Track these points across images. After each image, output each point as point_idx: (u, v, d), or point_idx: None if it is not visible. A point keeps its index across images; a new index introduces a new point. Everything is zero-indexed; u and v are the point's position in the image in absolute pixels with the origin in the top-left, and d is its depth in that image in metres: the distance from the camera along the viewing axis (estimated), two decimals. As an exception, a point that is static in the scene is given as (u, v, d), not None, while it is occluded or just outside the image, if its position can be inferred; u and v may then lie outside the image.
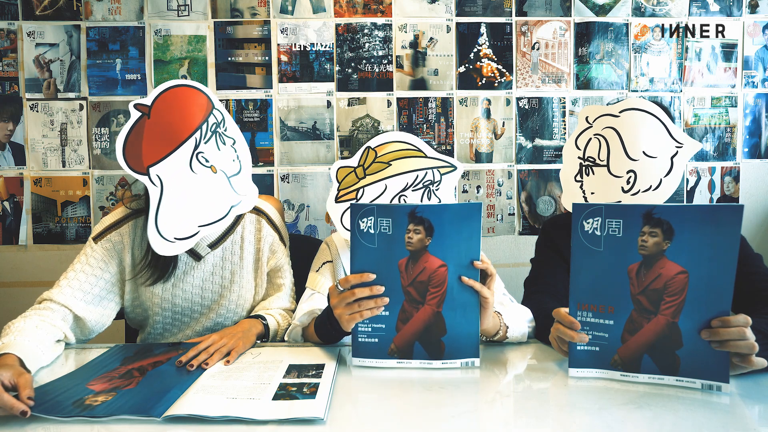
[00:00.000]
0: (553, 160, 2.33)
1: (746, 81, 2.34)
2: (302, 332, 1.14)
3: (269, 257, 1.31)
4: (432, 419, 0.77)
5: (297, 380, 0.90)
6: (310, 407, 0.79)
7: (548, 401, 0.83)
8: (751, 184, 2.36)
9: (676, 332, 0.85)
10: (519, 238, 2.35)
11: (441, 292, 0.94)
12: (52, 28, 2.21)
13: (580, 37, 2.31)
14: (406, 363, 0.97)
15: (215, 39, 2.25)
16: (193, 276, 1.24)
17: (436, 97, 2.30)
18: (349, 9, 2.27)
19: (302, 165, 2.28)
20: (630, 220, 0.86)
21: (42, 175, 2.23)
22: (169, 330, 1.28)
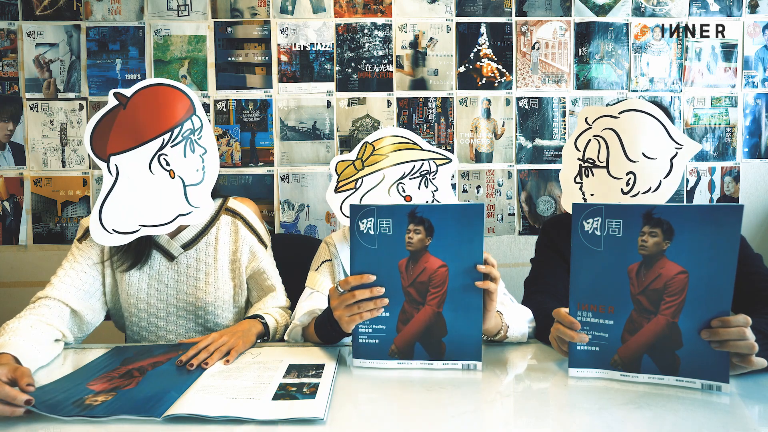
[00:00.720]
0: (553, 160, 2.33)
1: (746, 81, 2.34)
2: (302, 332, 1.14)
3: (250, 260, 1.30)
4: (432, 419, 0.77)
5: (297, 380, 0.90)
6: (310, 407, 0.79)
7: (548, 401, 0.84)
8: (751, 184, 2.36)
9: (676, 332, 0.85)
10: (519, 238, 2.35)
11: (441, 292, 0.94)
12: (52, 28, 2.21)
13: (580, 37, 2.31)
14: (407, 364, 0.97)
15: (215, 39, 2.25)
16: (168, 276, 1.25)
17: (436, 97, 2.30)
18: (349, 9, 2.27)
19: (302, 165, 2.28)
20: (630, 220, 0.86)
21: (42, 175, 2.23)
22: (146, 330, 1.27)
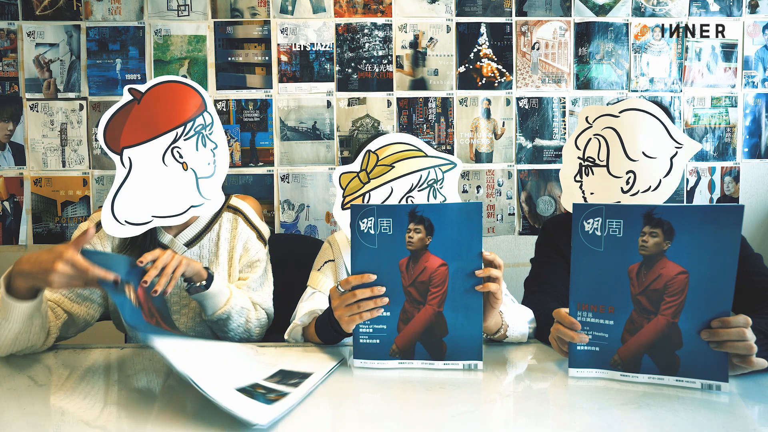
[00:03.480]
0: (553, 160, 2.33)
1: (746, 81, 2.34)
2: (302, 332, 1.14)
3: (242, 254, 1.31)
4: (432, 419, 0.77)
5: (273, 385, 0.85)
6: (256, 411, 0.73)
7: (548, 401, 0.84)
8: (751, 184, 2.36)
9: (676, 332, 0.85)
10: (519, 238, 2.35)
11: (442, 291, 0.94)
12: (52, 28, 2.21)
13: (580, 37, 2.31)
14: (407, 363, 0.97)
15: (215, 39, 2.25)
16: None
17: (436, 97, 2.30)
18: (349, 9, 2.27)
19: (302, 165, 2.28)
20: (630, 220, 0.86)
21: (42, 175, 2.23)
22: None
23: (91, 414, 0.80)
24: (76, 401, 0.84)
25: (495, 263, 0.95)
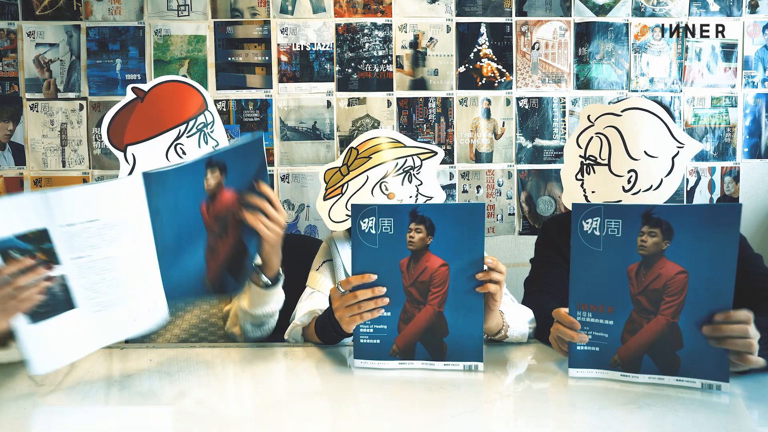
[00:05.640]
0: (553, 160, 2.33)
1: (746, 81, 2.34)
2: (302, 332, 1.14)
3: None
4: (432, 419, 0.77)
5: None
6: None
7: (548, 401, 0.84)
8: (751, 184, 2.36)
9: (676, 332, 0.85)
10: (519, 238, 2.35)
11: (443, 291, 0.94)
12: (52, 28, 2.21)
13: (580, 37, 2.31)
14: (408, 364, 0.97)
15: (215, 39, 2.25)
16: None
17: (436, 97, 2.30)
18: (349, 9, 2.27)
19: (302, 165, 2.28)
20: (629, 220, 0.86)
21: (42, 175, 2.23)
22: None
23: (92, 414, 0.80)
24: (76, 401, 0.84)
25: (497, 270, 0.94)
